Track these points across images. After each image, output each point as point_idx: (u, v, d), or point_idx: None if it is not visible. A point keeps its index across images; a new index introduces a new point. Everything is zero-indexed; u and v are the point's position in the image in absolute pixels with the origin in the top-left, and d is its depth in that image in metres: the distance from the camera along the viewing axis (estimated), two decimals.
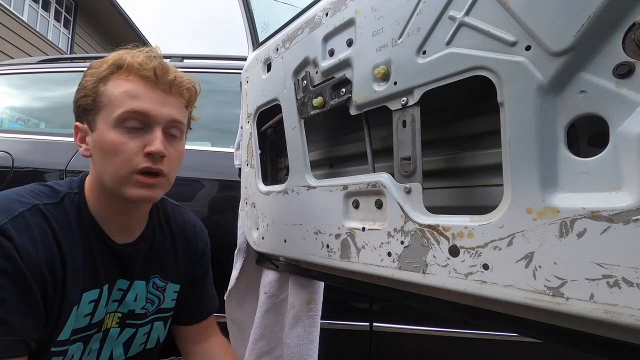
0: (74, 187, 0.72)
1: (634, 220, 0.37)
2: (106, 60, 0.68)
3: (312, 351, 0.98)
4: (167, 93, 0.69)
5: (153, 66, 0.67)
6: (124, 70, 0.67)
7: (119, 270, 0.74)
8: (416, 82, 0.59)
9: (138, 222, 0.78)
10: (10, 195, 0.65)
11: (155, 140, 0.65)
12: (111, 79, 0.67)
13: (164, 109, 0.67)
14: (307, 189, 0.84)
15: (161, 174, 0.67)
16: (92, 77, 0.68)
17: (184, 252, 0.87)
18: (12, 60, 2.22)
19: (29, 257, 0.59)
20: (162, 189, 0.70)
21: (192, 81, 0.74)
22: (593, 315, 0.39)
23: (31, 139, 1.59)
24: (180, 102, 0.71)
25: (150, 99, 0.66)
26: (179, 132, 0.72)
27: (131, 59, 0.67)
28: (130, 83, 0.66)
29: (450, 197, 0.73)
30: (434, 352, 1.28)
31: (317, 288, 1.01)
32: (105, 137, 0.65)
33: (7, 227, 0.59)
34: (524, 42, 0.46)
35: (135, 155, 0.65)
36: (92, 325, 0.71)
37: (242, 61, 1.38)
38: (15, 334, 0.57)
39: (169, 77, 0.68)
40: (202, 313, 0.92)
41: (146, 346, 0.83)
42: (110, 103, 0.65)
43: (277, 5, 1.16)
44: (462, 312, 0.59)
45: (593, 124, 0.45)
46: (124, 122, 0.65)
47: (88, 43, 10.24)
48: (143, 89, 0.66)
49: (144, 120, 0.66)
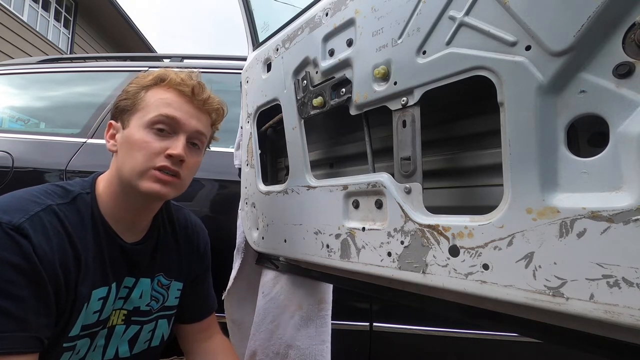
0: (86, 188, 0.75)
1: (634, 220, 0.37)
2: (152, 73, 0.77)
3: (325, 352, 0.97)
4: (199, 109, 0.77)
5: (192, 84, 0.75)
6: (166, 84, 0.75)
7: (127, 268, 0.77)
8: (416, 82, 0.59)
9: (145, 222, 0.81)
10: (24, 196, 0.67)
11: (178, 145, 0.72)
12: (153, 89, 0.75)
13: (192, 120, 0.75)
14: (307, 189, 0.84)
15: (177, 175, 0.72)
16: (136, 84, 0.76)
17: (187, 251, 0.90)
18: (12, 60, 2.22)
19: (45, 256, 0.61)
20: (175, 190, 0.74)
21: (222, 104, 0.82)
22: (593, 315, 0.39)
23: (31, 139, 1.59)
24: (208, 120, 0.80)
25: (183, 110, 0.74)
26: (200, 143, 0.79)
27: (174, 75, 0.75)
28: (169, 94, 0.74)
29: (450, 197, 0.73)
30: (434, 352, 1.28)
31: (328, 288, 1.01)
32: (135, 134, 0.71)
33: (24, 226, 0.60)
34: (524, 42, 0.45)
35: (157, 154, 0.70)
36: (99, 322, 0.73)
37: (242, 61, 1.38)
38: (29, 331, 0.59)
39: (203, 96, 0.77)
40: (204, 311, 0.94)
41: (151, 344, 0.85)
42: (146, 106, 0.73)
43: (277, 5, 1.16)
44: (462, 312, 0.59)
45: (593, 124, 0.45)
46: (154, 124, 0.71)
47: (88, 43, 10.24)
48: (178, 101, 0.74)
49: (173, 126, 0.73)
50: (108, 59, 2.40)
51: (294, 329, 0.99)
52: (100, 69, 1.93)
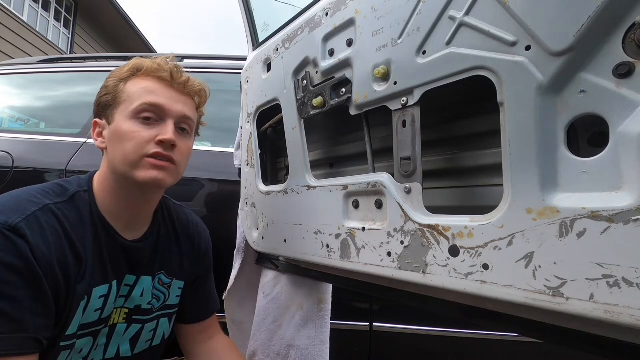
0: (84, 185, 0.75)
1: (634, 220, 0.37)
2: (127, 64, 0.76)
3: (324, 352, 0.97)
4: (181, 93, 0.76)
5: (169, 68, 0.75)
6: (143, 72, 0.74)
7: (127, 266, 0.77)
8: (416, 82, 0.59)
9: (145, 218, 0.81)
10: (21, 196, 0.66)
11: (168, 130, 0.71)
12: (131, 79, 0.74)
13: (177, 105, 0.74)
14: (307, 189, 0.84)
15: (172, 161, 0.72)
16: (114, 78, 0.75)
17: (188, 250, 0.89)
18: (12, 60, 2.22)
19: (42, 256, 0.61)
20: (171, 176, 0.73)
21: (203, 85, 0.81)
22: (593, 315, 0.39)
23: (31, 139, 1.59)
24: (192, 103, 0.79)
25: (165, 96, 0.73)
26: (189, 128, 0.78)
27: (150, 62, 0.75)
28: (148, 82, 0.74)
29: (450, 197, 0.73)
30: (434, 352, 1.28)
31: (327, 288, 1.01)
32: (121, 126, 0.71)
33: (20, 226, 0.60)
34: (524, 42, 0.45)
35: (147, 142, 0.70)
36: (101, 321, 0.73)
37: (242, 61, 1.38)
38: (27, 332, 0.59)
39: (182, 79, 0.76)
40: (206, 311, 0.94)
41: (152, 343, 0.85)
42: (128, 98, 0.72)
43: (277, 5, 1.16)
44: (462, 312, 0.59)
45: (593, 124, 0.45)
46: (140, 113, 0.71)
47: (88, 43, 10.24)
48: (159, 87, 0.74)
49: (158, 113, 0.72)
50: (108, 59, 2.40)
51: (295, 329, 0.99)
52: (100, 69, 1.93)
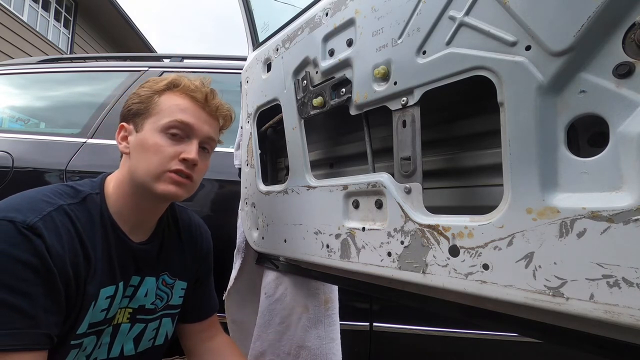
0: (95, 188, 0.77)
1: (634, 220, 0.36)
2: (165, 78, 0.79)
3: (335, 349, 0.98)
4: (210, 116, 0.80)
5: (205, 91, 0.79)
6: (180, 89, 0.77)
7: (134, 268, 0.78)
8: (416, 82, 0.59)
9: (152, 222, 0.83)
10: (37, 196, 0.68)
11: (192, 150, 0.74)
12: (166, 93, 0.77)
13: (205, 126, 0.78)
14: (307, 189, 0.84)
15: (190, 178, 0.75)
16: (149, 89, 0.78)
17: (191, 250, 0.91)
18: (12, 60, 2.22)
19: (57, 255, 0.63)
20: (187, 191, 0.77)
21: (231, 111, 0.86)
22: (593, 315, 0.39)
23: (31, 139, 1.59)
24: (217, 125, 0.83)
25: (196, 116, 0.77)
26: (210, 148, 0.82)
27: (188, 81, 0.78)
28: (182, 99, 0.77)
29: (450, 197, 0.73)
30: (434, 352, 1.28)
31: (333, 287, 1.02)
32: (150, 138, 0.74)
33: (38, 225, 0.62)
34: (524, 42, 0.45)
35: (171, 158, 0.73)
36: (106, 320, 0.74)
37: (242, 61, 1.38)
38: (40, 328, 0.60)
39: (215, 103, 0.80)
40: (207, 310, 0.96)
41: (155, 342, 0.86)
42: (161, 111, 0.75)
43: (277, 5, 1.16)
44: (462, 312, 0.59)
45: (593, 124, 0.45)
46: (169, 129, 0.74)
47: (88, 43, 10.24)
48: (192, 106, 0.77)
49: (186, 131, 0.75)
50: (108, 59, 2.40)
51: (303, 331, 0.99)
52: (100, 69, 1.93)
